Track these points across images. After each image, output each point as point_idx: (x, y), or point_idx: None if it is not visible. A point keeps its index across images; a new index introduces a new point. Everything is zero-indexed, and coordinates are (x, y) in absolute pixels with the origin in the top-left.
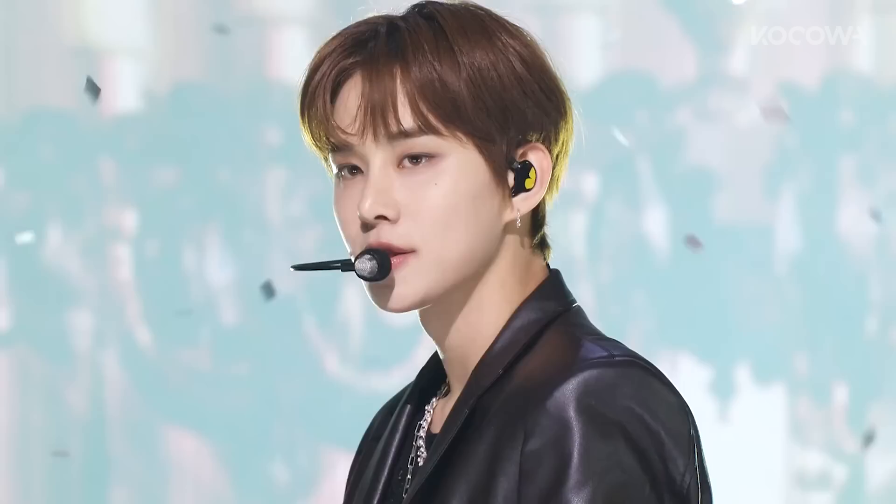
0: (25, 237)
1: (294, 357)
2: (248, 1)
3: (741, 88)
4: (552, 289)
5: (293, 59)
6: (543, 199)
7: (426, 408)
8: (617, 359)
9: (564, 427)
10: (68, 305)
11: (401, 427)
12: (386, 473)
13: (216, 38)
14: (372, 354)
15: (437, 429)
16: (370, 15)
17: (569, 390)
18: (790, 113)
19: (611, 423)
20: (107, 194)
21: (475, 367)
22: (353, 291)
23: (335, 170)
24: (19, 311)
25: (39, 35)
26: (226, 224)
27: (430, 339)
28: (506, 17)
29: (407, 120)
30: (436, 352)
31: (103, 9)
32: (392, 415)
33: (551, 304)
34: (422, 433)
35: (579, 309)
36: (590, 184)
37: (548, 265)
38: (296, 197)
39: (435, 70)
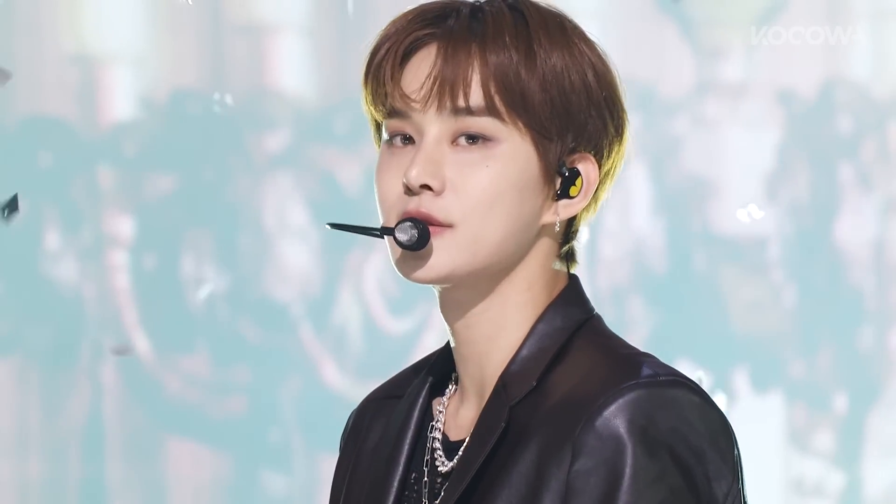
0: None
1: (291, 365)
2: (245, 9)
3: (738, 96)
4: (574, 295)
5: (289, 67)
6: (579, 215)
7: (437, 407)
8: (662, 378)
9: (615, 448)
10: (66, 313)
11: (412, 425)
12: (400, 472)
13: (213, 46)
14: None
15: (454, 434)
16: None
17: (619, 410)
18: (788, 120)
19: (660, 445)
20: (105, 202)
21: (502, 374)
22: (350, 300)
23: (386, 136)
24: (17, 320)
25: (38, 42)
26: (223, 231)
27: (446, 328)
28: (584, 29)
29: (475, 97)
30: (443, 348)
31: (100, 16)
32: (390, 408)
33: (574, 310)
34: (436, 435)
35: (600, 317)
36: None
37: (568, 272)
38: (294, 205)
39: (511, 57)
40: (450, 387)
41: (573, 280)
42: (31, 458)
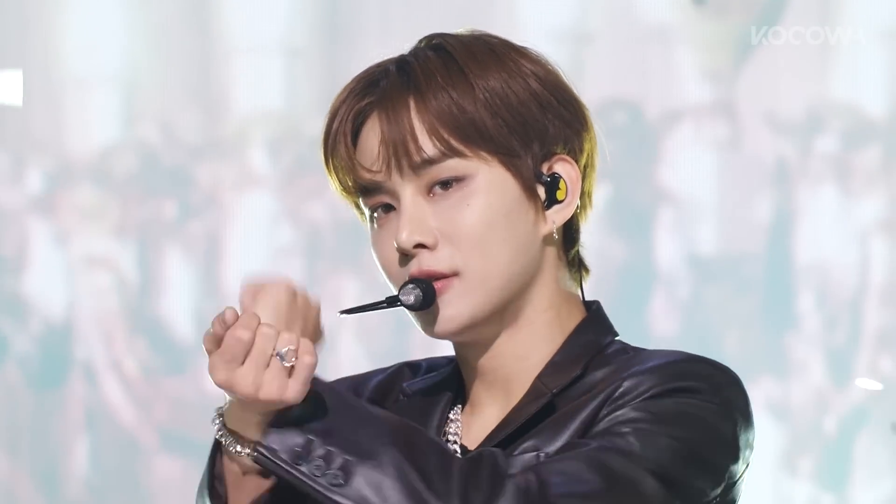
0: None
1: None
2: (230, 32)
3: (730, 114)
4: (600, 317)
5: (273, 88)
6: (576, 216)
7: (450, 416)
8: (708, 357)
9: (648, 373)
10: (56, 332)
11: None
12: None
13: (201, 70)
14: None
15: (471, 444)
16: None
17: (659, 360)
18: (778, 140)
19: (693, 376)
20: (95, 221)
21: (539, 375)
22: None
23: (367, 213)
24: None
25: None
26: (214, 254)
27: (464, 360)
28: (510, 41)
29: (429, 147)
30: (453, 363)
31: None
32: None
33: (603, 328)
34: (454, 443)
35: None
36: None
37: (584, 298)
38: (282, 225)
39: (450, 96)
40: (456, 401)
41: (597, 304)
42: (19, 477)
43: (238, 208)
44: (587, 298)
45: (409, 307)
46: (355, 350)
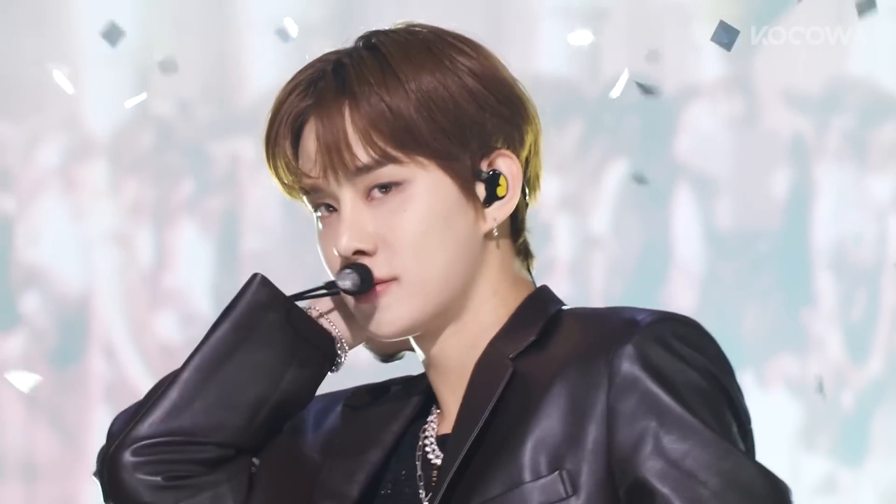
0: None
1: None
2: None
3: (747, 91)
4: (547, 292)
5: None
6: (521, 205)
7: (430, 417)
8: (676, 314)
9: (650, 368)
10: (74, 308)
11: (399, 425)
12: (379, 464)
13: (218, 47)
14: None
15: (446, 430)
16: (325, 52)
17: (648, 335)
18: (795, 116)
19: (692, 359)
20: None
21: (491, 341)
22: None
23: (311, 209)
24: None
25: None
26: (231, 230)
27: (420, 354)
28: (453, 31)
29: (363, 155)
30: (419, 375)
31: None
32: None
33: (550, 300)
34: (431, 435)
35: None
36: (588, 191)
37: (532, 280)
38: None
39: (383, 101)
40: (431, 411)
41: (545, 286)
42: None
43: (254, 185)
44: (595, 275)
45: (347, 291)
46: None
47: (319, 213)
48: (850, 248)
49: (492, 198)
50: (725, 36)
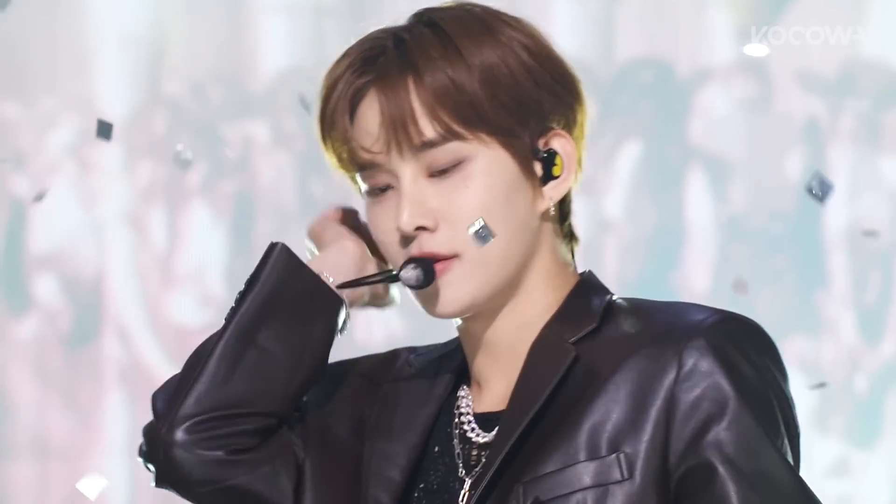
0: None
1: None
2: None
3: (761, 73)
4: (595, 280)
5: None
6: (569, 189)
7: (460, 394)
8: (742, 315)
9: (721, 366)
10: (88, 290)
11: (430, 406)
12: (419, 442)
13: (230, 28)
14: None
15: (485, 408)
16: (372, 30)
17: (718, 332)
18: (809, 99)
19: (758, 364)
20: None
21: (546, 324)
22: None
23: (365, 187)
24: None
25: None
26: (244, 213)
27: (468, 333)
28: (503, 10)
29: (429, 130)
30: (455, 343)
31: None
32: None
33: (600, 289)
34: (467, 413)
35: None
36: (602, 174)
37: (575, 264)
38: (312, 184)
39: (447, 75)
40: (462, 388)
41: (590, 272)
42: None
43: (268, 167)
44: (608, 258)
45: (409, 286)
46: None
47: (373, 191)
48: (864, 230)
49: (547, 177)
50: (820, 188)
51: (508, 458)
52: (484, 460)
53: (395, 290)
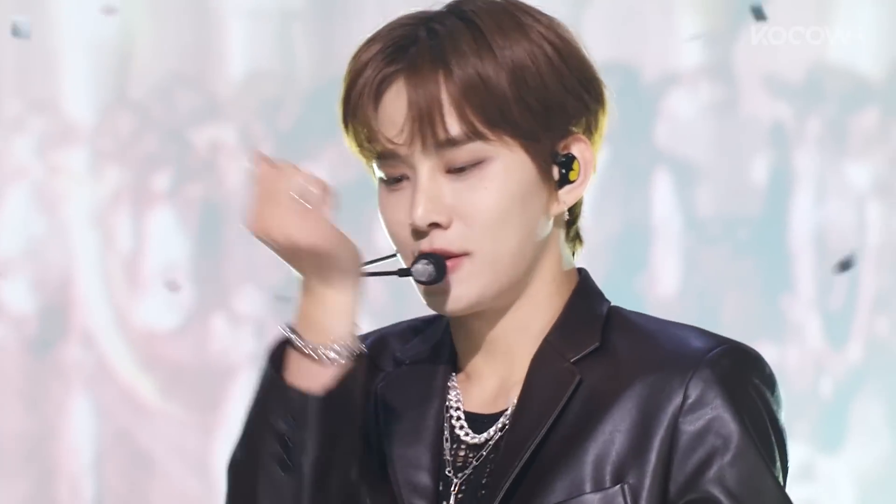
0: None
1: None
2: None
3: (727, 77)
4: (592, 284)
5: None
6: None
7: (448, 384)
8: (748, 347)
9: (724, 402)
10: (53, 295)
11: (435, 401)
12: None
13: (197, 32)
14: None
15: (476, 408)
16: (401, 14)
17: (725, 365)
18: (775, 103)
19: (761, 405)
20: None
21: (545, 338)
22: None
23: (381, 175)
24: None
25: None
26: (211, 217)
27: (464, 330)
28: (536, 8)
29: (454, 128)
30: (441, 327)
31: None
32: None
33: (598, 296)
34: (457, 409)
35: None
36: None
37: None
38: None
39: (477, 72)
40: (452, 378)
41: (585, 271)
42: None
43: (235, 171)
44: (575, 261)
45: (420, 281)
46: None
47: (388, 180)
48: (830, 235)
49: (563, 181)
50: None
51: (514, 483)
52: (474, 462)
53: None
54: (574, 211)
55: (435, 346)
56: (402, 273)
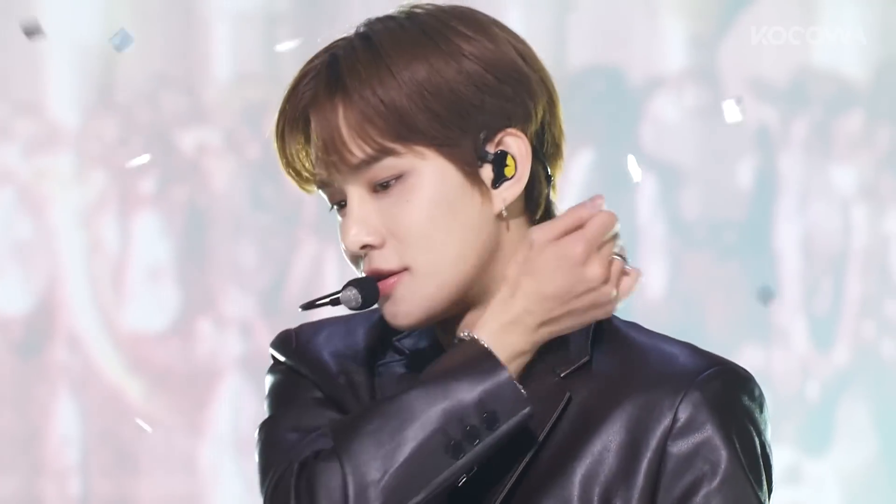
0: None
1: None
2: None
3: (713, 81)
4: None
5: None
6: (538, 177)
7: None
8: (741, 369)
9: (716, 427)
10: (39, 299)
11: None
12: None
13: (182, 36)
14: None
15: None
16: (338, 38)
17: (718, 388)
18: (761, 107)
19: (751, 430)
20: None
21: (538, 352)
22: None
23: (329, 205)
24: None
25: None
26: (196, 220)
27: (442, 338)
28: (457, 9)
29: (357, 151)
30: (428, 342)
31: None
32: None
33: None
34: None
35: None
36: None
37: None
38: (263, 192)
39: (376, 94)
40: None
41: None
42: None
43: (220, 174)
44: None
45: (351, 308)
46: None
47: (335, 207)
48: (815, 238)
49: (501, 178)
50: None
51: (505, 500)
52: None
53: None
54: (533, 198)
55: (431, 346)
56: (333, 302)
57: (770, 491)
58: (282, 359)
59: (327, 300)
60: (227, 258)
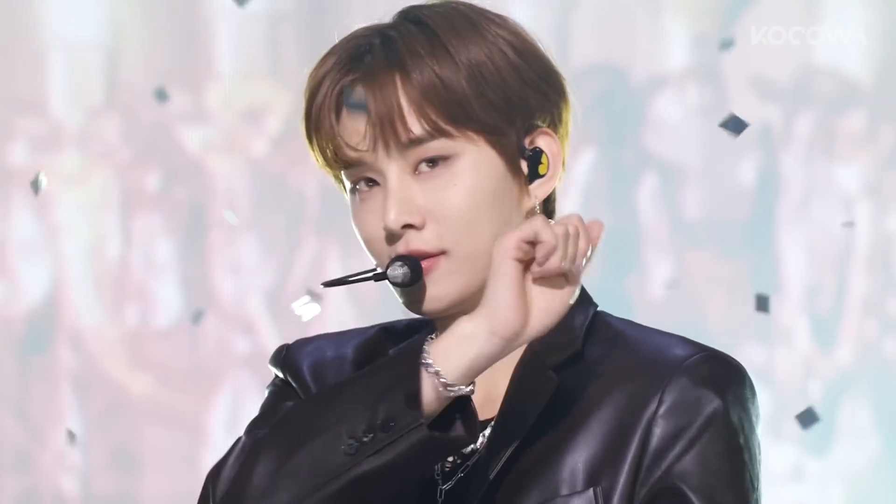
0: None
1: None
2: None
3: (715, 80)
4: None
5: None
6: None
7: None
8: (730, 358)
9: (700, 407)
10: (42, 298)
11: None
12: None
13: (186, 34)
14: None
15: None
16: (357, 27)
17: (705, 372)
18: (763, 105)
19: (739, 413)
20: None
21: (528, 348)
22: None
23: (349, 185)
24: None
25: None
26: (199, 219)
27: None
28: (488, 8)
29: (416, 127)
30: (433, 329)
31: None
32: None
33: (586, 300)
34: None
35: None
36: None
37: None
38: (267, 190)
39: (434, 73)
40: None
41: None
42: None
43: (222, 174)
44: None
45: (397, 284)
46: (343, 312)
47: (358, 187)
48: (818, 237)
49: (533, 176)
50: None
51: (490, 489)
52: (460, 474)
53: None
54: (548, 206)
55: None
56: (378, 277)
57: (757, 478)
58: (274, 371)
59: (369, 276)
60: (229, 257)
